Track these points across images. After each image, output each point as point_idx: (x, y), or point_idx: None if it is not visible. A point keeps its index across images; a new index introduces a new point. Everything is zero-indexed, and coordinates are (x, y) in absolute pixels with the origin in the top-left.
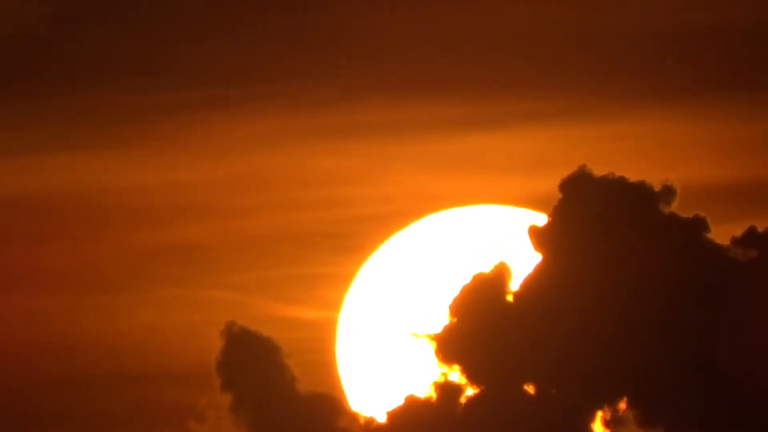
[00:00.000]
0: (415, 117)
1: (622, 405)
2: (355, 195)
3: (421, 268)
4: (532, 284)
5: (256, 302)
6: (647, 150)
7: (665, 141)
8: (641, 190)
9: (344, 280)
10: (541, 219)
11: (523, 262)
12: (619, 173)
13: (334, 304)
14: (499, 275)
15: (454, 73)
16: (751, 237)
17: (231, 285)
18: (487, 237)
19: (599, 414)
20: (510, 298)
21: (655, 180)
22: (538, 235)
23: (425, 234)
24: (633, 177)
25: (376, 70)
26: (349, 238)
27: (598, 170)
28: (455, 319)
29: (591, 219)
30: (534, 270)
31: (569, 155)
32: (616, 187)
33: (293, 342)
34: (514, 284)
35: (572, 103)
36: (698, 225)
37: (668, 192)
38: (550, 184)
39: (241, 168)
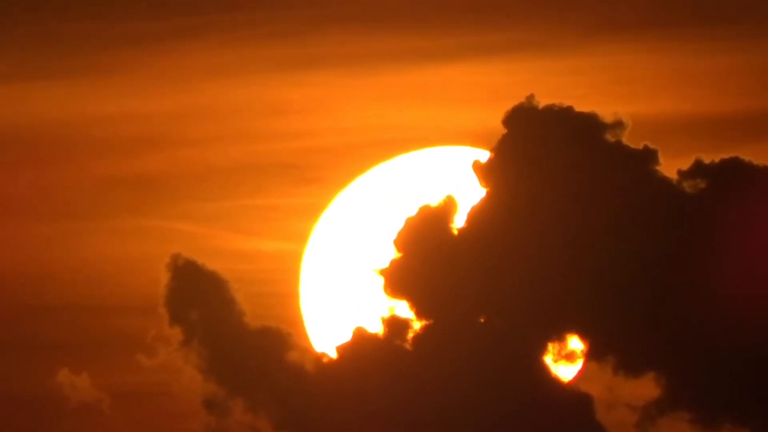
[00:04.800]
0: (373, 49)
1: (572, 338)
2: (314, 126)
3: (385, 206)
4: (476, 218)
5: (215, 233)
6: (606, 84)
7: (622, 75)
8: (589, 120)
9: (307, 211)
10: (486, 154)
11: (472, 198)
12: (570, 104)
13: (298, 236)
14: (445, 208)
15: (412, 5)
16: (697, 169)
17: (189, 216)
18: (443, 176)
19: (550, 347)
20: (456, 231)
21: (608, 114)
22: (482, 170)
23: (393, 173)
24: (586, 110)
25: (336, 2)
26: (310, 170)
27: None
28: (401, 253)
29: (536, 151)
30: (478, 204)
31: (528, 88)
32: (562, 117)
33: (252, 274)
34: (461, 219)
35: (533, 35)
36: (647, 156)
37: (618, 125)
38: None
39: (200, 98)
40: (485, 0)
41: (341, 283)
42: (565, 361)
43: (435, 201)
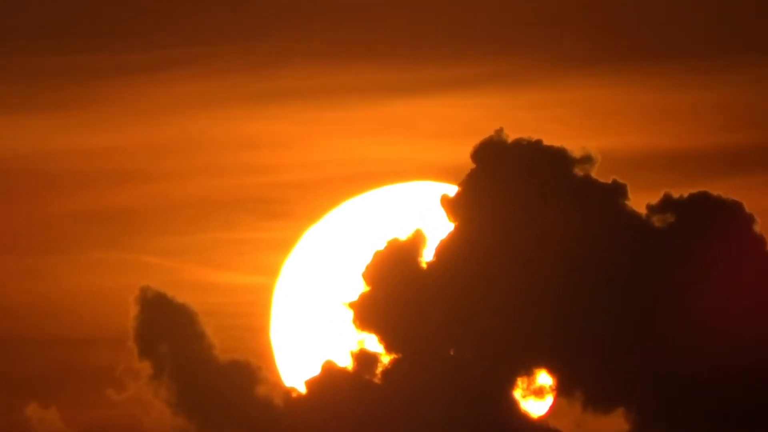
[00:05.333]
0: (341, 82)
1: (540, 373)
2: (284, 160)
3: (355, 241)
4: (445, 252)
5: (185, 267)
6: (575, 118)
7: (592, 109)
8: (557, 154)
9: (278, 246)
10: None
11: (440, 232)
12: (539, 138)
13: (268, 270)
14: (414, 242)
15: (381, 39)
16: (666, 204)
17: (159, 249)
18: (412, 211)
19: (519, 382)
20: (424, 265)
21: (577, 148)
22: (450, 205)
23: (363, 208)
24: (557, 144)
25: (304, 35)
26: (280, 204)
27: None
28: (370, 287)
29: (504, 185)
30: (447, 238)
31: (497, 122)
32: (531, 151)
33: (222, 307)
34: (430, 253)
35: (502, 69)
36: (617, 191)
37: (587, 159)
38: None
39: (170, 132)
40: (454, 34)
41: (311, 317)
42: (534, 397)
43: (404, 235)
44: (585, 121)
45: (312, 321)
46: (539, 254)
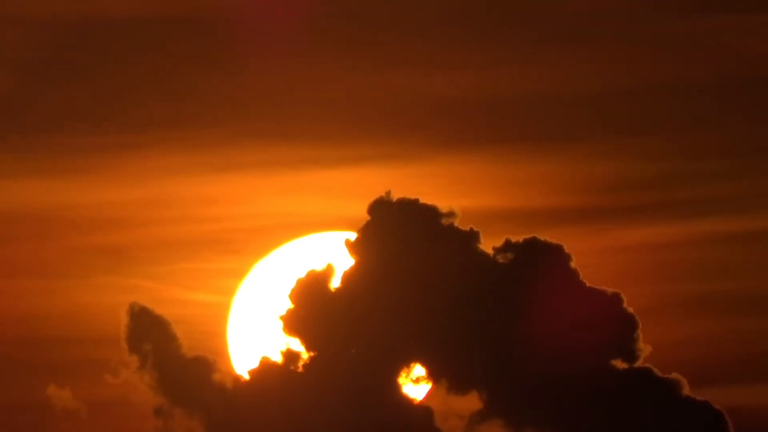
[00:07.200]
0: (277, 157)
1: (416, 366)
2: (235, 213)
3: (288, 272)
4: (348, 280)
5: (164, 288)
6: (444, 184)
7: (456, 178)
8: (430, 210)
9: (233, 274)
10: (355, 235)
11: (345, 266)
12: (417, 197)
13: (225, 291)
14: (326, 273)
15: (305, 127)
16: (507, 246)
17: (145, 275)
18: (326, 250)
19: (402, 372)
20: (333, 289)
21: (445, 206)
22: (351, 246)
23: (293, 251)
24: (429, 202)
25: (250, 122)
26: (232, 244)
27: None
28: (294, 305)
29: (390, 231)
30: (349, 270)
31: (387, 187)
32: (410, 207)
33: (191, 318)
34: (337, 280)
35: (392, 149)
36: (472, 237)
37: (451, 214)
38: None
39: (155, 191)
40: (356, 123)
41: (255, 325)
42: (413, 383)
43: (319, 267)
44: (450, 186)
45: (256, 328)
46: (415, 282)
